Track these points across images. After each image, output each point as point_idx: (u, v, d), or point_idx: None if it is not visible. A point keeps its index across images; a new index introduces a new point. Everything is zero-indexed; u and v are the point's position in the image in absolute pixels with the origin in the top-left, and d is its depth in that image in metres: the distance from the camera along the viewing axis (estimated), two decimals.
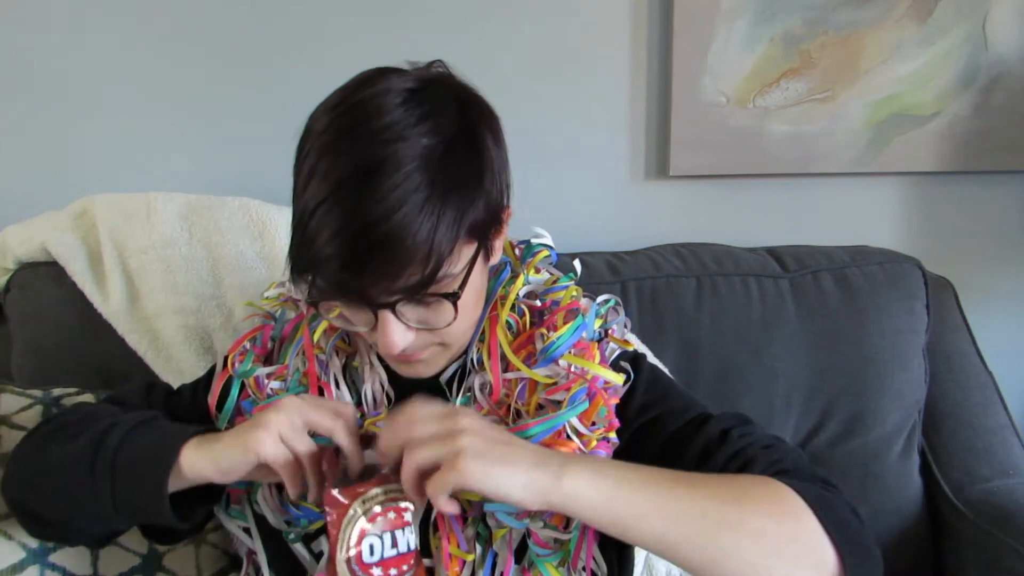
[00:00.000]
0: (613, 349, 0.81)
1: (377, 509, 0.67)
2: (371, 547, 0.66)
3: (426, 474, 0.63)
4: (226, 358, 0.85)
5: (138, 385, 0.89)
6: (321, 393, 0.81)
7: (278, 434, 0.68)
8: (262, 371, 0.82)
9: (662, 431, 0.76)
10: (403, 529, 0.68)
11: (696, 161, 1.33)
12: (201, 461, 0.69)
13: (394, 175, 0.63)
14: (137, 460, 0.71)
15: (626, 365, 0.79)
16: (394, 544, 0.67)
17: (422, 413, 0.65)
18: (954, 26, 1.30)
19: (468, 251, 0.69)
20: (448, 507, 0.64)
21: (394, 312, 0.67)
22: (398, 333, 0.68)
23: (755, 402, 1.14)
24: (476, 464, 0.60)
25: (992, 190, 1.40)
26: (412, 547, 0.68)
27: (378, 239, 0.62)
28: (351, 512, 0.66)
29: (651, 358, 1.11)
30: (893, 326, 1.17)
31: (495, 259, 0.78)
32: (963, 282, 1.29)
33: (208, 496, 0.77)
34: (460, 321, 0.71)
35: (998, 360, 1.25)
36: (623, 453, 0.74)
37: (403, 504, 0.67)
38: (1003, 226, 1.41)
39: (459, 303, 0.69)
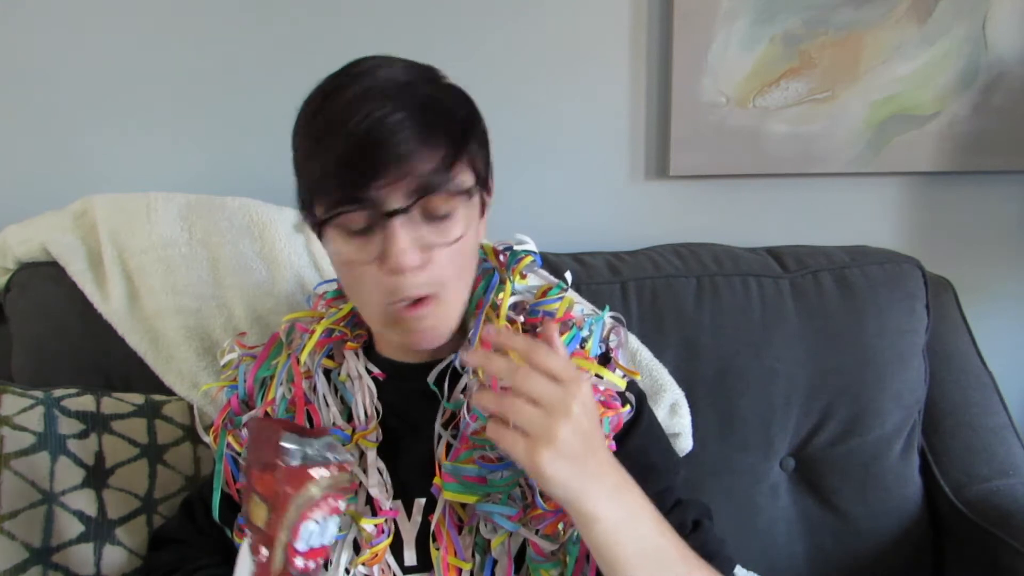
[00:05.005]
0: (619, 376, 0.80)
1: (318, 494, 0.65)
2: (309, 532, 0.65)
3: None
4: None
5: (181, 513, 0.91)
6: (308, 417, 0.82)
7: None
8: (246, 417, 0.83)
9: (643, 486, 0.76)
10: (335, 517, 0.67)
11: (696, 161, 1.33)
12: None
13: (408, 83, 0.69)
14: None
15: (631, 396, 0.79)
16: (323, 534, 0.67)
17: (547, 361, 0.62)
18: (954, 26, 1.30)
19: (469, 179, 0.71)
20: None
21: (407, 219, 0.68)
22: (410, 247, 0.68)
23: (755, 402, 1.15)
24: (557, 466, 0.60)
25: (992, 190, 1.40)
26: (332, 540, 0.68)
27: (397, 122, 0.66)
28: (306, 494, 0.65)
29: (651, 357, 1.12)
30: (893, 326, 1.17)
31: (482, 230, 0.79)
32: (963, 282, 1.29)
33: None
34: (457, 256, 0.71)
35: (998, 360, 1.25)
36: None
37: (342, 492, 0.67)
38: (1003, 226, 1.41)
39: (464, 232, 0.71)
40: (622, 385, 0.77)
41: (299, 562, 0.65)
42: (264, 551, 0.64)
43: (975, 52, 1.31)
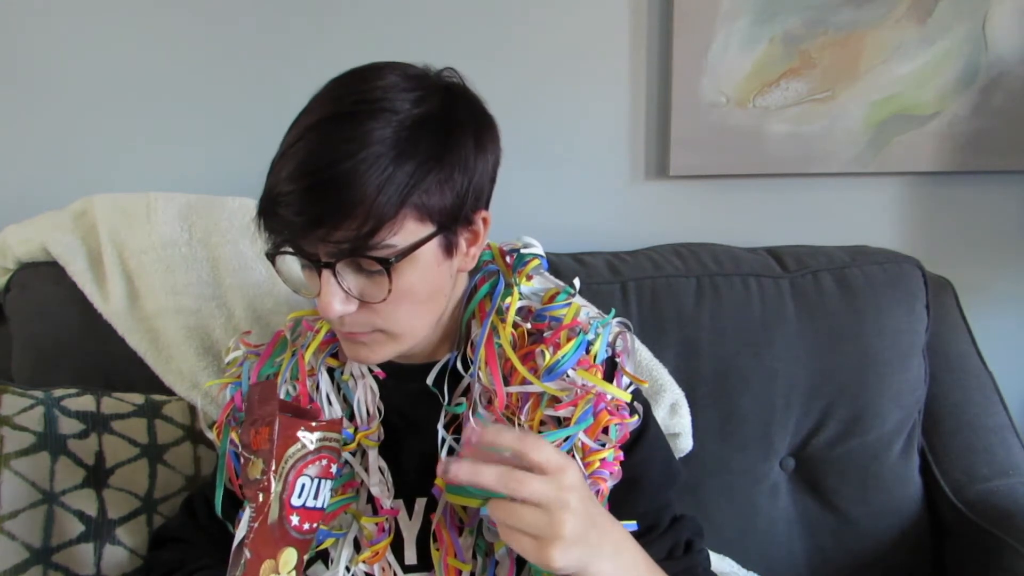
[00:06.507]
0: (627, 383, 0.81)
1: (312, 447, 0.66)
2: (302, 487, 0.66)
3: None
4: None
5: (182, 512, 0.90)
6: None
7: None
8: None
9: (640, 500, 0.78)
10: (327, 481, 0.68)
11: (696, 161, 1.33)
12: None
13: (360, 127, 0.66)
14: None
15: (639, 407, 0.79)
16: (316, 495, 0.67)
17: (531, 457, 0.62)
18: (954, 26, 1.30)
19: (418, 229, 0.69)
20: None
21: (334, 274, 0.68)
22: (336, 298, 0.68)
23: (755, 402, 1.15)
24: (567, 555, 0.61)
25: (992, 190, 1.40)
26: (325, 504, 0.68)
27: (326, 180, 0.65)
28: (299, 445, 0.65)
29: (651, 357, 1.12)
30: (893, 326, 1.17)
31: (466, 263, 0.77)
32: (963, 282, 1.30)
33: None
34: (400, 305, 0.70)
35: (998, 360, 1.25)
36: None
37: (334, 455, 0.68)
38: (1003, 226, 1.41)
39: (401, 285, 0.69)
40: (627, 398, 0.77)
41: (294, 519, 0.65)
42: (261, 497, 0.64)
43: (975, 52, 1.31)
